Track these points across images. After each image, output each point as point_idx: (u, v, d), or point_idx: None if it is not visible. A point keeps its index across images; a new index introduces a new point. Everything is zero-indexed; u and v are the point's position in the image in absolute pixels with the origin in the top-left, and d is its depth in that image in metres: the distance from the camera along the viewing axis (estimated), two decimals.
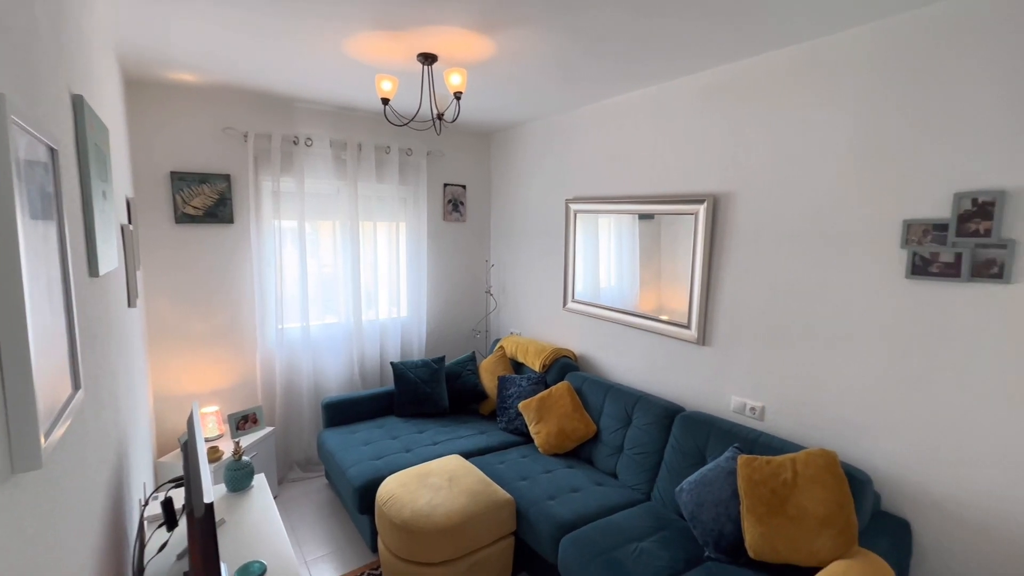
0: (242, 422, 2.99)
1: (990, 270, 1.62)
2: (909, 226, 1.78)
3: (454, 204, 4.02)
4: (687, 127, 2.53)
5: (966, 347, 1.68)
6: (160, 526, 1.60)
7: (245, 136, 3.05)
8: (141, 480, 1.99)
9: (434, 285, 4.00)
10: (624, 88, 2.75)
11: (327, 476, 3.24)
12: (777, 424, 2.24)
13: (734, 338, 2.39)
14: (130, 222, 2.20)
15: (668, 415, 2.49)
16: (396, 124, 2.56)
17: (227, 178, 3.03)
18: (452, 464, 2.53)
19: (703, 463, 2.22)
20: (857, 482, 1.79)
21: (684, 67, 2.37)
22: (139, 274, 2.52)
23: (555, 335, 3.56)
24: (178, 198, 2.91)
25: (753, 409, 2.32)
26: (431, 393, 3.29)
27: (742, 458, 1.93)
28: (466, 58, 2.28)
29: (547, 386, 3.12)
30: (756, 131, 2.23)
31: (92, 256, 1.18)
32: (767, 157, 2.20)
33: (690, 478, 2.11)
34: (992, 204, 1.60)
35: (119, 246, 1.73)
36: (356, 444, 2.85)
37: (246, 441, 2.89)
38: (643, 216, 2.82)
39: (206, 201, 2.99)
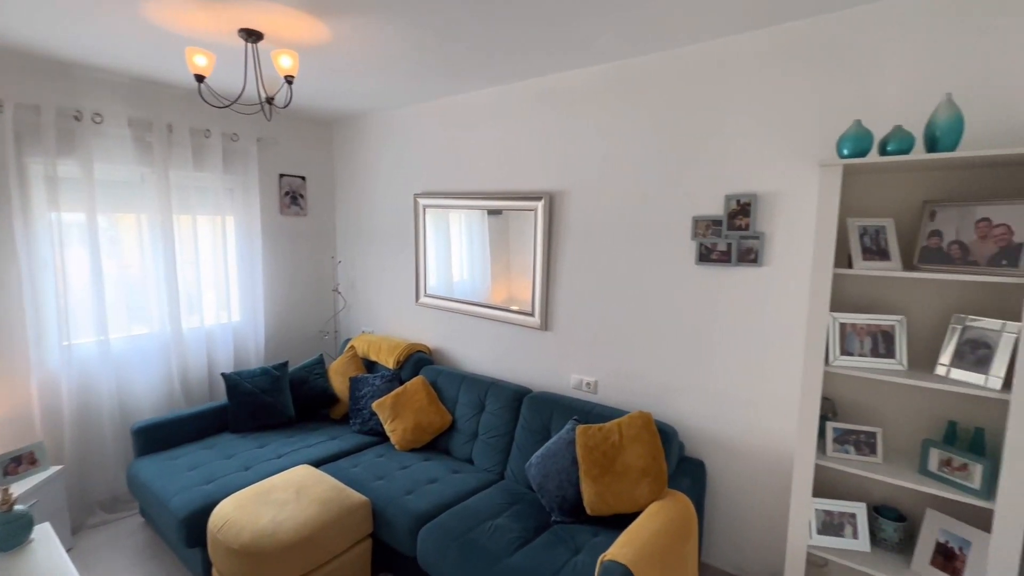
0: (13, 465, 2.38)
1: (749, 256, 2.07)
2: (696, 222, 2.18)
3: (293, 196, 3.72)
4: (527, 128, 2.72)
5: (736, 316, 2.13)
6: None
7: (0, 106, 2.42)
8: None
9: (272, 285, 3.65)
10: (469, 87, 2.83)
11: (142, 513, 2.76)
12: (608, 395, 2.55)
13: (571, 322, 2.65)
14: None
15: (517, 398, 2.66)
16: (215, 105, 2.28)
17: None
18: (300, 475, 2.37)
19: (549, 438, 2.43)
20: (666, 435, 2.14)
21: (523, 72, 2.54)
22: None
23: (409, 330, 3.53)
24: None
25: (588, 384, 2.61)
26: (273, 403, 3.01)
27: (579, 428, 2.16)
28: (297, 40, 2.13)
29: (402, 382, 3.09)
30: (584, 136, 2.50)
31: None
32: (593, 160, 2.48)
33: (537, 452, 2.30)
34: (749, 204, 2.04)
35: None
36: (180, 470, 2.48)
37: (23, 487, 2.32)
38: (492, 212, 2.95)
39: None
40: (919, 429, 1.74)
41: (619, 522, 2.03)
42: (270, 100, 2.19)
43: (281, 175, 3.63)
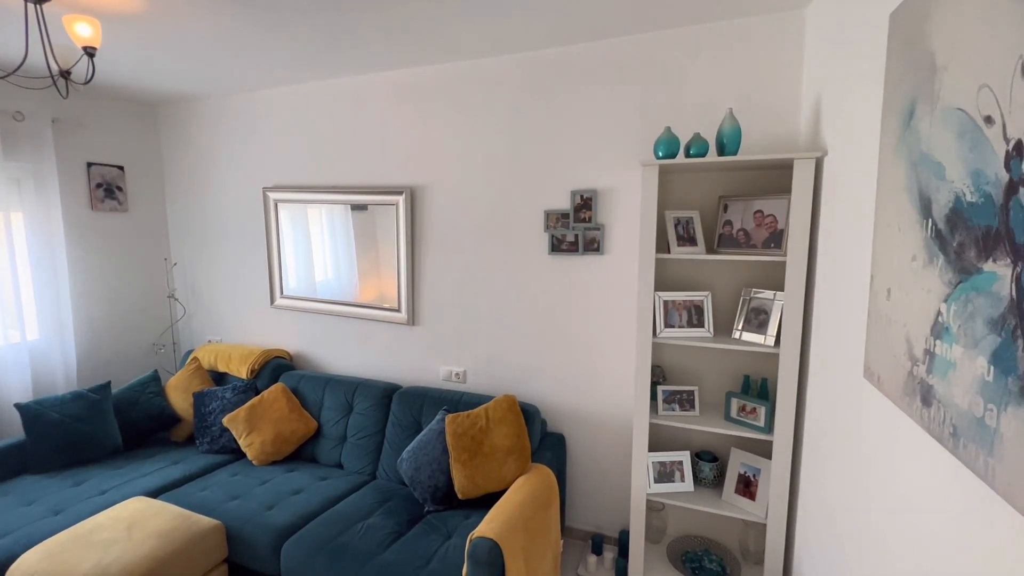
0: None
1: (593, 246, 2.30)
2: (548, 215, 2.36)
3: (107, 189, 3.17)
4: (385, 121, 2.67)
5: (584, 300, 2.36)
6: None
7: None
8: None
9: (84, 294, 3.09)
10: (319, 75, 2.69)
11: None
12: (476, 383, 2.65)
13: (438, 316, 2.69)
14: None
15: (387, 395, 2.63)
16: None
17: None
18: (131, 509, 2.06)
19: (420, 431, 2.45)
20: (529, 414, 2.30)
21: (377, 63, 2.49)
22: None
23: (265, 336, 3.26)
24: None
25: (457, 374, 2.68)
26: (91, 432, 2.56)
27: (448, 417, 2.22)
28: (100, 6, 1.83)
29: (258, 392, 2.84)
30: (442, 130, 2.54)
31: None
32: (451, 155, 2.53)
33: (408, 447, 2.30)
34: (591, 199, 2.27)
35: None
36: None
37: None
38: (356, 207, 2.84)
39: None
40: (724, 384, 2.12)
41: (490, 502, 2.13)
42: (65, 74, 1.85)
43: (90, 164, 3.07)
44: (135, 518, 2.00)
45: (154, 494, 2.33)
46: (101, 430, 2.60)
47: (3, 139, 2.63)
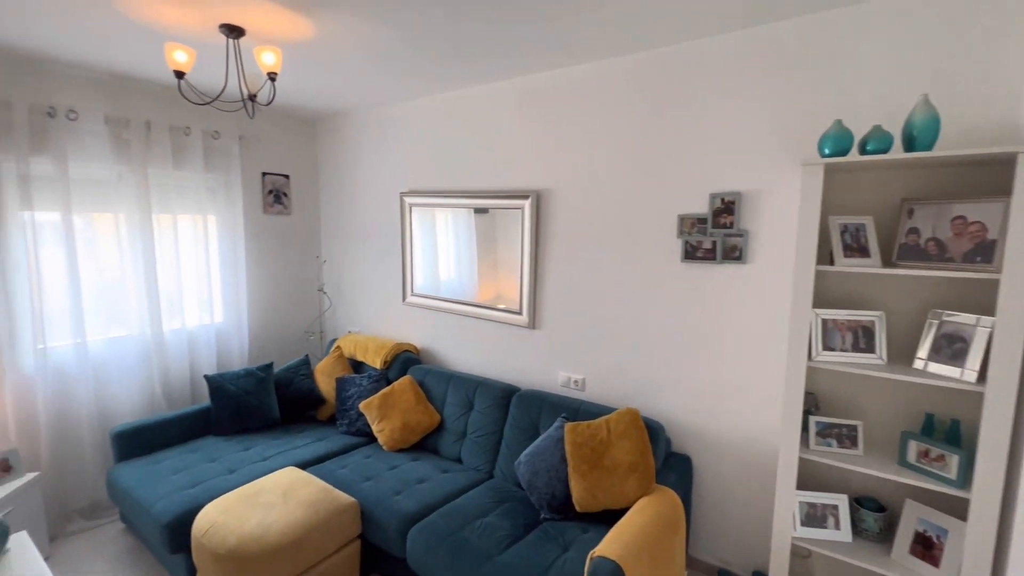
0: None
1: (734, 254, 2.09)
2: (682, 220, 2.20)
3: (276, 195, 3.66)
4: (514, 126, 2.71)
5: (721, 313, 2.15)
6: None
7: None
8: None
9: (256, 285, 3.60)
10: (453, 85, 2.82)
11: (123, 519, 2.70)
12: (596, 392, 2.57)
13: (559, 320, 2.66)
14: None
15: (506, 396, 2.66)
16: (196, 102, 2.23)
17: None
18: (287, 478, 2.34)
19: (537, 436, 2.44)
20: (653, 431, 2.16)
21: (507, 71, 2.54)
22: None
23: (396, 330, 3.51)
24: None
25: (576, 382, 2.62)
26: (258, 405, 2.97)
27: (568, 426, 2.17)
28: (280, 36, 2.10)
29: (389, 382, 3.07)
30: (570, 134, 2.50)
31: None
32: (579, 158, 2.49)
33: (526, 451, 2.30)
34: (733, 203, 2.07)
35: None
36: (163, 475, 2.43)
37: None
38: (478, 210, 2.94)
39: None
40: (898, 421, 1.79)
41: (608, 518, 2.05)
42: (252, 97, 2.15)
43: (264, 173, 3.57)
44: (289, 486, 2.26)
45: (303, 466, 2.62)
46: (265, 404, 3.00)
47: (204, 155, 3.16)
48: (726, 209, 2.09)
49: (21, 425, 2.59)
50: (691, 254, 2.19)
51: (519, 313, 2.80)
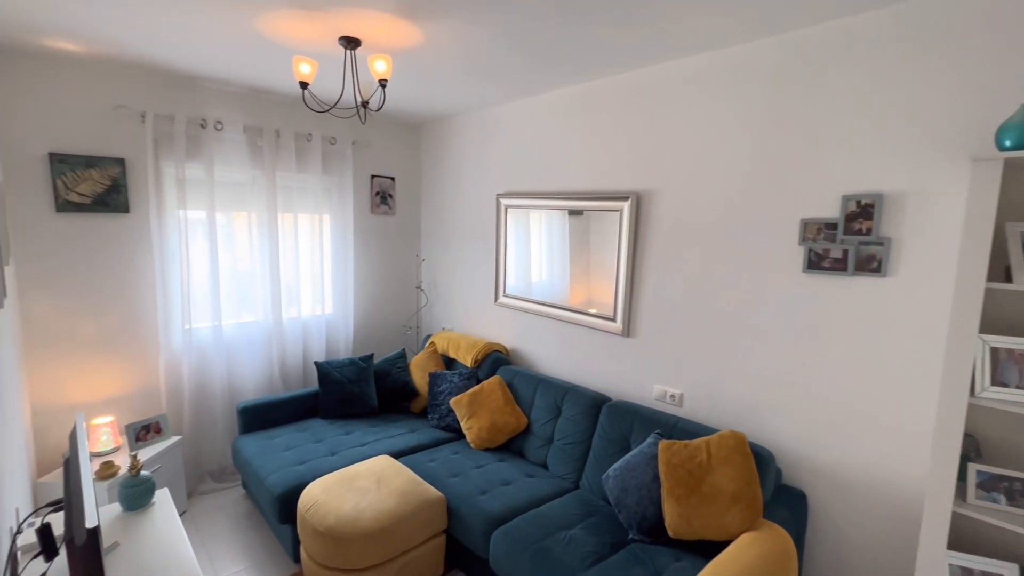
0: (143, 432, 2.71)
1: (871, 265, 1.81)
2: (806, 225, 1.96)
3: (382, 196, 3.89)
4: (613, 126, 2.61)
5: (851, 333, 1.88)
6: (36, 556, 1.41)
7: (142, 116, 2.75)
8: (13, 505, 1.74)
9: (361, 280, 3.85)
10: (552, 86, 2.78)
11: (244, 486, 3.03)
12: (694, 409, 2.38)
13: (656, 329, 2.51)
14: None
15: (596, 405, 2.57)
16: (316, 110, 2.43)
17: (121, 162, 2.72)
18: (381, 465, 2.46)
19: (628, 450, 2.32)
20: (762, 459, 1.95)
21: (606, 69, 2.44)
22: (8, 270, 2.19)
23: (487, 330, 3.56)
24: (59, 183, 2.56)
25: (673, 396, 2.45)
26: (359, 393, 3.17)
27: (663, 443, 2.03)
28: (391, 44, 2.20)
29: (479, 381, 3.11)
30: (672, 133, 2.34)
31: None
32: (683, 158, 2.32)
33: (616, 465, 2.19)
34: (872, 206, 1.79)
35: None
36: (276, 450, 2.68)
37: (149, 453, 2.63)
38: (573, 212, 2.87)
39: (95, 187, 2.66)
40: None
41: (704, 549, 1.88)
42: (365, 104, 2.28)
43: (373, 176, 3.81)
44: (382, 474, 2.37)
45: (395, 455, 2.74)
46: (365, 392, 3.19)
47: (322, 158, 3.44)
48: (862, 213, 1.82)
49: (169, 395, 3.00)
50: (816, 264, 1.94)
51: (612, 319, 2.68)
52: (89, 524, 0.93)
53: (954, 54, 1.59)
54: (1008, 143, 1.34)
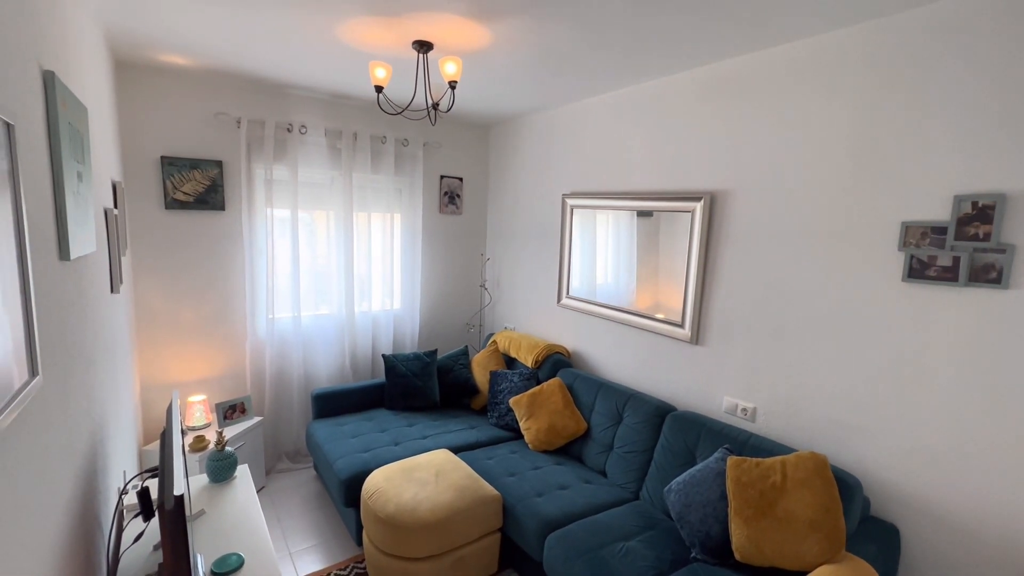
0: (230, 411, 2.96)
1: (988, 275, 1.59)
2: (907, 228, 1.75)
3: (450, 196, 3.98)
4: (686, 123, 2.49)
5: (961, 352, 1.65)
6: (136, 515, 1.57)
7: (238, 122, 3.00)
8: (121, 468, 1.96)
9: (428, 278, 3.96)
10: (623, 82, 2.70)
11: (315, 468, 3.22)
12: (768, 426, 2.21)
13: (728, 338, 2.36)
14: (116, 206, 2.16)
15: (659, 414, 2.46)
16: (390, 113, 2.52)
17: (219, 164, 2.99)
18: (440, 458, 2.51)
19: (692, 463, 2.20)
20: (846, 486, 1.76)
21: (683, 62, 2.33)
22: (125, 260, 2.48)
23: (549, 331, 3.53)
24: (168, 183, 2.86)
25: (745, 410, 2.29)
26: (422, 387, 3.26)
27: (731, 459, 1.90)
28: (461, 46, 2.24)
29: (539, 382, 3.09)
30: (754, 128, 2.19)
31: (63, 239, 1.14)
32: (764, 155, 2.16)
33: (679, 478, 2.08)
34: (992, 208, 1.56)
35: (99, 230, 1.69)
36: (344, 436, 2.82)
37: (233, 431, 2.87)
38: (641, 213, 2.78)
39: (197, 187, 2.94)
40: None
41: None
42: (436, 106, 2.34)
43: (442, 176, 3.91)
44: (441, 467, 2.42)
45: (455, 450, 2.79)
46: (428, 386, 3.28)
47: (395, 160, 3.59)
48: (979, 216, 1.59)
49: (253, 378, 3.25)
50: (919, 272, 1.73)
51: (680, 326, 2.56)
52: (176, 492, 1.01)
53: None
54: None
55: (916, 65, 1.70)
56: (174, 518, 1.04)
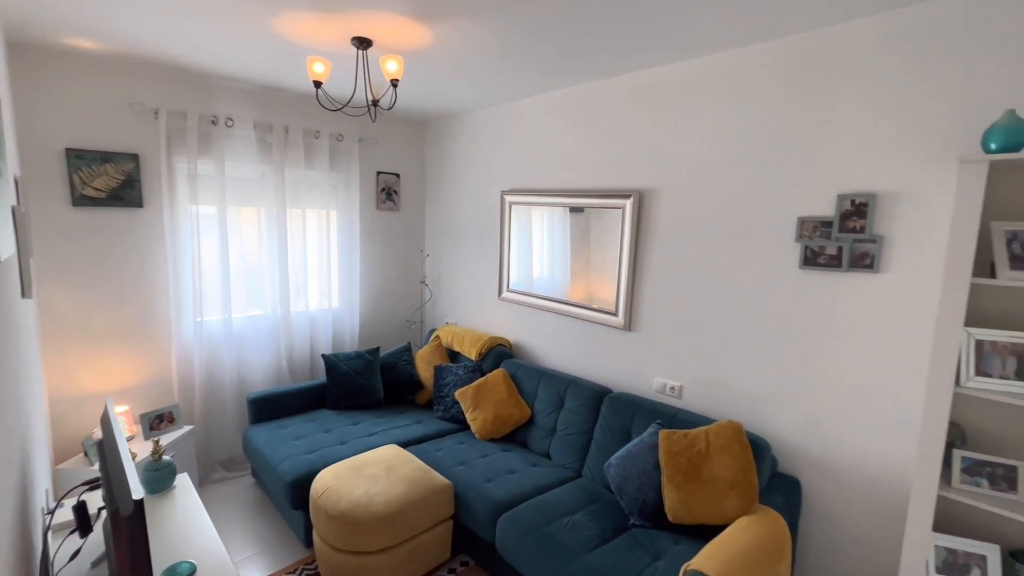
0: (156, 422, 2.78)
1: (864, 261, 1.89)
2: (802, 222, 2.03)
3: (388, 193, 3.95)
4: (616, 125, 2.68)
5: (845, 326, 1.96)
6: (71, 533, 1.48)
7: (156, 113, 2.81)
8: (43, 488, 1.82)
9: (367, 275, 3.92)
10: (559, 84, 2.85)
11: (254, 474, 3.10)
12: (693, 401, 2.46)
13: (657, 324, 2.58)
14: (19, 203, 1.97)
15: (597, 397, 2.64)
16: (330, 109, 2.49)
17: (135, 158, 2.78)
18: (389, 454, 2.53)
19: (629, 440, 2.40)
20: (758, 448, 2.03)
21: (613, 68, 2.51)
22: (32, 262, 2.26)
23: (491, 324, 3.63)
24: (76, 178, 2.63)
25: (673, 388, 2.53)
26: (365, 385, 3.24)
27: (663, 433, 2.11)
28: (403, 45, 2.26)
29: (483, 374, 3.18)
30: (676, 132, 2.41)
31: None
32: (685, 157, 2.39)
33: (617, 454, 2.27)
34: (866, 205, 1.87)
35: (12, 230, 1.55)
36: (287, 439, 2.75)
37: (162, 442, 2.70)
38: (574, 209, 2.95)
39: (110, 182, 2.72)
40: None
41: (702, 533, 1.96)
42: (376, 103, 2.35)
43: (379, 172, 3.87)
44: (391, 462, 2.45)
45: (403, 445, 2.81)
46: (371, 384, 3.26)
47: (330, 155, 3.51)
48: (856, 212, 1.89)
49: (181, 385, 3.07)
50: (811, 260, 2.01)
51: (614, 314, 2.76)
52: (136, 496, 1.00)
53: (944, 61, 1.66)
54: (993, 146, 1.41)
55: (807, 81, 1.98)
56: (134, 524, 1.03)
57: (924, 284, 1.76)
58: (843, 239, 1.93)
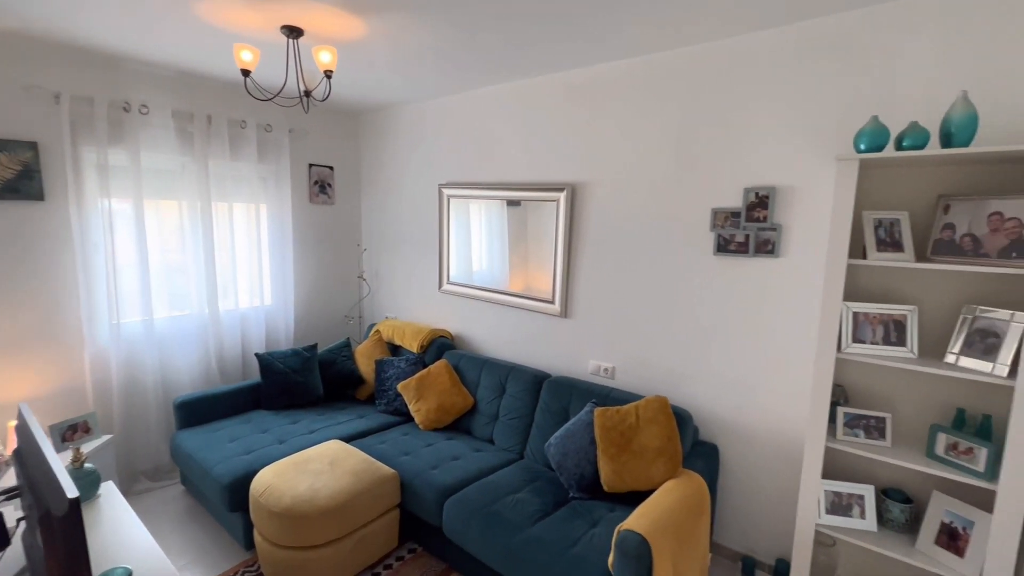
0: (69, 432, 2.58)
1: (767, 247, 2.14)
2: (716, 213, 2.25)
3: (321, 186, 3.85)
4: (551, 120, 2.80)
5: (752, 305, 2.20)
6: None
7: (56, 97, 2.57)
8: None
9: (301, 271, 3.81)
10: (495, 80, 2.92)
11: (184, 482, 2.95)
12: (625, 380, 2.65)
13: (590, 310, 2.75)
14: None
15: (537, 382, 2.77)
16: (260, 99, 2.40)
17: (33, 146, 2.54)
18: (332, 448, 2.52)
19: (567, 420, 2.54)
20: (682, 419, 2.23)
21: (548, 66, 2.62)
22: None
23: (432, 317, 3.66)
24: None
25: (606, 370, 2.71)
26: (304, 382, 3.17)
27: (598, 410, 2.27)
28: (335, 35, 2.24)
29: (425, 366, 3.22)
30: (607, 129, 2.58)
31: None
32: (613, 152, 2.56)
33: (556, 433, 2.41)
34: (767, 197, 2.11)
35: None
36: (221, 442, 2.65)
37: None
38: (511, 202, 3.05)
39: (4, 173, 2.47)
40: (928, 415, 1.81)
41: (635, 499, 2.14)
42: (308, 94, 2.31)
43: (311, 165, 3.76)
44: (335, 456, 2.44)
45: (346, 439, 2.80)
46: (310, 382, 3.20)
47: (258, 146, 3.37)
48: (760, 203, 2.13)
49: (97, 392, 2.85)
50: (724, 247, 2.24)
51: (551, 302, 2.90)
52: (70, 495, 0.98)
53: (829, 71, 1.92)
54: (862, 146, 1.66)
55: (721, 86, 2.20)
56: (68, 525, 1.00)
57: (814, 266, 2.02)
58: (749, 228, 2.16)
